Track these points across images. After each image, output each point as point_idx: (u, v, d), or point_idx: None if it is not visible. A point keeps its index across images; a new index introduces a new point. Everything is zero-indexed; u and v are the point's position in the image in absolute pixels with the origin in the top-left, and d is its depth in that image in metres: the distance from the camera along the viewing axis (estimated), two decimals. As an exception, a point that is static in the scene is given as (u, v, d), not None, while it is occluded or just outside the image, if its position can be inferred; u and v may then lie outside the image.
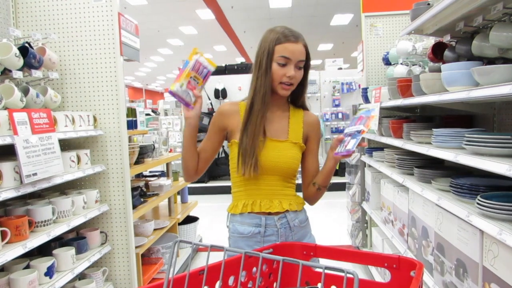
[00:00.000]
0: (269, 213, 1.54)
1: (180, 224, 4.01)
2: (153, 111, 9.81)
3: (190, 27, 12.07)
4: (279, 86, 1.49)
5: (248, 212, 1.54)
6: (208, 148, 1.60)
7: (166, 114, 8.72)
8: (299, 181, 1.65)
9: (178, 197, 4.46)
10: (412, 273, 1.12)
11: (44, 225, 2.10)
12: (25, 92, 2.18)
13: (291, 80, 1.48)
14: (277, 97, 1.55)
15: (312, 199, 1.65)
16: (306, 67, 1.53)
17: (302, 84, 1.57)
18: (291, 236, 1.56)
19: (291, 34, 1.47)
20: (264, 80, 1.48)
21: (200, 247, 0.99)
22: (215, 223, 5.46)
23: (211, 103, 7.90)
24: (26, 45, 2.21)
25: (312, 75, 8.24)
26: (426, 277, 2.02)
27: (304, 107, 1.65)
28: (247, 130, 1.49)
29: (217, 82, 7.86)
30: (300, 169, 1.65)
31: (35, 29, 2.62)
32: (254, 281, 1.13)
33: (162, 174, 4.16)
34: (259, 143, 1.49)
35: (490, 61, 1.82)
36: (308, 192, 1.63)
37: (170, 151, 4.20)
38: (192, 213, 4.38)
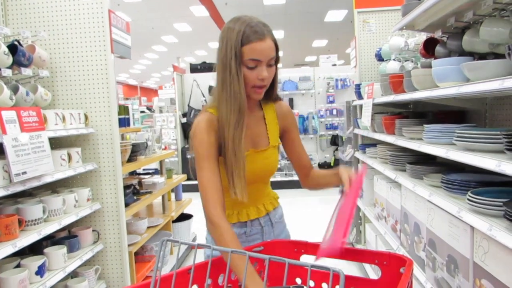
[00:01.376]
0: None
1: (174, 221, 3.99)
2: (148, 108, 9.79)
3: (184, 24, 12.02)
4: (252, 90, 1.33)
5: (233, 223, 1.47)
6: (219, 174, 1.32)
7: (160, 112, 8.71)
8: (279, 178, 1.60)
9: (172, 195, 4.45)
10: (401, 270, 1.12)
11: (34, 224, 2.09)
12: (15, 90, 2.15)
13: (264, 82, 1.32)
14: (249, 100, 1.40)
15: (315, 187, 1.58)
16: (276, 59, 1.35)
17: (273, 80, 1.40)
18: (272, 232, 1.54)
19: (256, 31, 1.27)
20: (238, 85, 1.29)
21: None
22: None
23: (205, 100, 7.87)
24: (15, 43, 2.18)
25: (307, 71, 8.25)
26: (418, 273, 2.02)
27: (276, 99, 1.52)
28: (228, 147, 1.31)
29: (211, 79, 7.81)
30: (290, 163, 1.61)
31: (24, 27, 2.59)
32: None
33: (156, 171, 4.15)
34: (246, 157, 1.34)
35: (481, 56, 1.81)
36: (309, 183, 1.56)
37: (165, 148, 4.19)
38: (186, 211, 4.36)
